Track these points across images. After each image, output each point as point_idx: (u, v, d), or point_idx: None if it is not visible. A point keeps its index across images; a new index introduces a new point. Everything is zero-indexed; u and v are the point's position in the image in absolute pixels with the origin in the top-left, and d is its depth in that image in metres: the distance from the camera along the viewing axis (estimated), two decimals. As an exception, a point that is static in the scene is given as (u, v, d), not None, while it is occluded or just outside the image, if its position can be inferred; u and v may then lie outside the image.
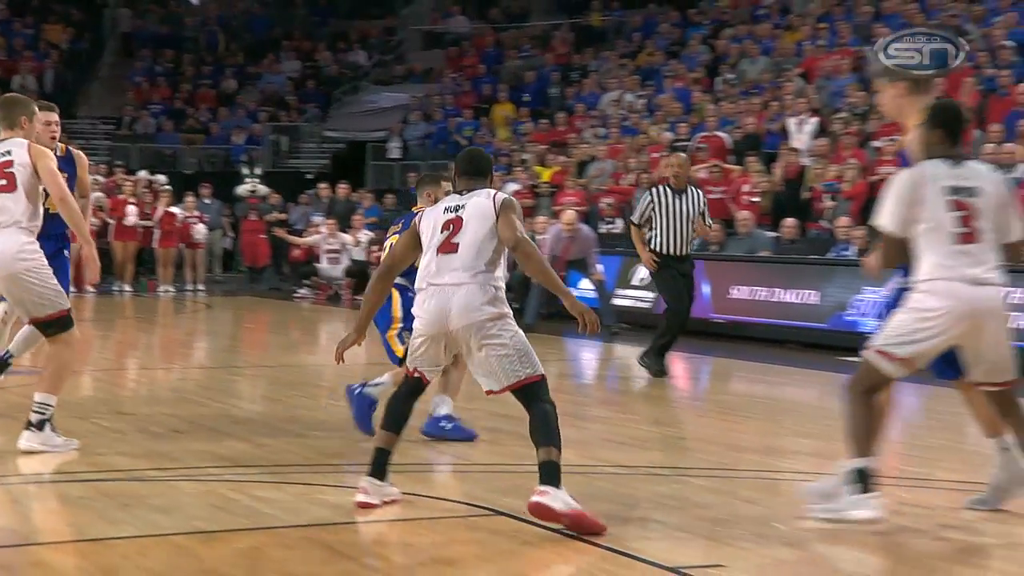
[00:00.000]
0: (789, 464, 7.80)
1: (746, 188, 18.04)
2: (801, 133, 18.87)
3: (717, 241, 17.20)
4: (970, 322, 5.83)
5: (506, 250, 6.07)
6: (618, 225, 19.41)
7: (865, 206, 16.56)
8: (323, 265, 22.28)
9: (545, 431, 5.85)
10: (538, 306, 16.55)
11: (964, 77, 17.74)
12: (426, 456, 7.75)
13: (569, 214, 17.02)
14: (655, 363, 11.57)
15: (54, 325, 7.43)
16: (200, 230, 23.81)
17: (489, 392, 6.05)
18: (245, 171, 26.89)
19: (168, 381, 12.01)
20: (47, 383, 7.48)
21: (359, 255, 22.12)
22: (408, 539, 5.72)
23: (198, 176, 27.37)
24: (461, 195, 6.21)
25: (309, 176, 28.38)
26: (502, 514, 6.17)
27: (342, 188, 24.73)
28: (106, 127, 30.20)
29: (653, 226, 11.50)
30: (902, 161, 6.33)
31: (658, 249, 11.51)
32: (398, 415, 6.16)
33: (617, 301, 17.20)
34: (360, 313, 6.38)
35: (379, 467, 6.11)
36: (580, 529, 5.62)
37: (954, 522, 6.26)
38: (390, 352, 8.17)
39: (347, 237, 22.43)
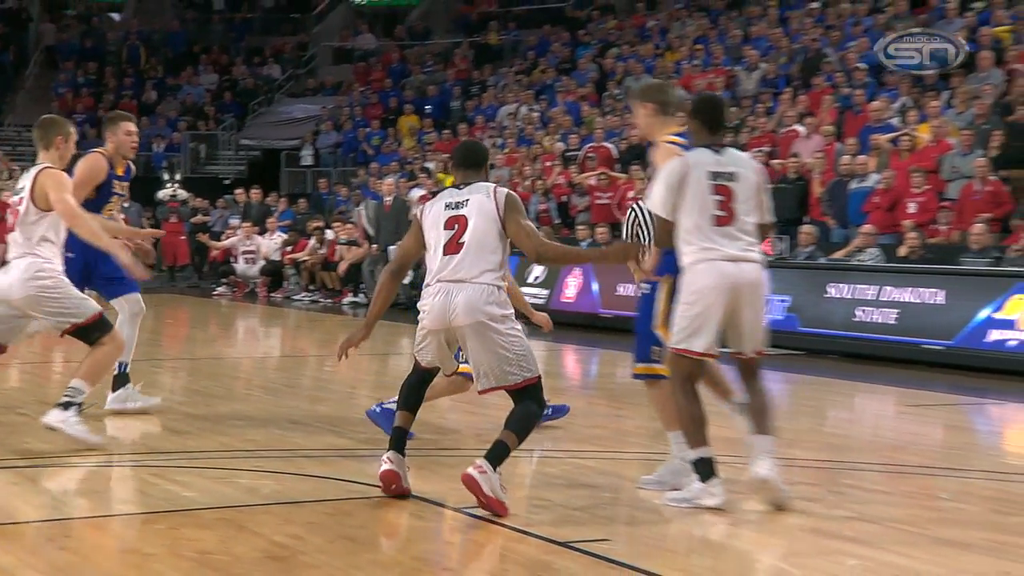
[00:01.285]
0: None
1: (631, 194, 18.13)
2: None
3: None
4: (732, 296, 5.86)
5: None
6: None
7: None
8: (240, 265, 22.13)
9: (518, 421, 5.73)
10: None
11: (824, 95, 18.07)
12: (336, 442, 7.70)
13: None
14: None
15: (93, 330, 7.23)
16: (120, 233, 23.50)
17: (482, 391, 5.88)
18: (165, 176, 26.62)
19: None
20: (84, 371, 7.34)
21: (274, 256, 22.01)
22: (318, 519, 5.68)
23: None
24: (459, 189, 5.96)
25: (226, 181, 28.09)
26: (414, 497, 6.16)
27: (255, 193, 24.53)
28: (31, 135, 29.49)
29: (640, 240, 10.94)
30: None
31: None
32: (414, 398, 6.09)
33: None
34: (370, 312, 6.21)
35: (399, 443, 6.01)
36: (493, 511, 5.56)
37: (815, 496, 6.37)
38: None
39: (261, 239, 22.30)
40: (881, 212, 14.79)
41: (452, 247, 5.79)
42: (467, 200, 5.86)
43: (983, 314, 11.99)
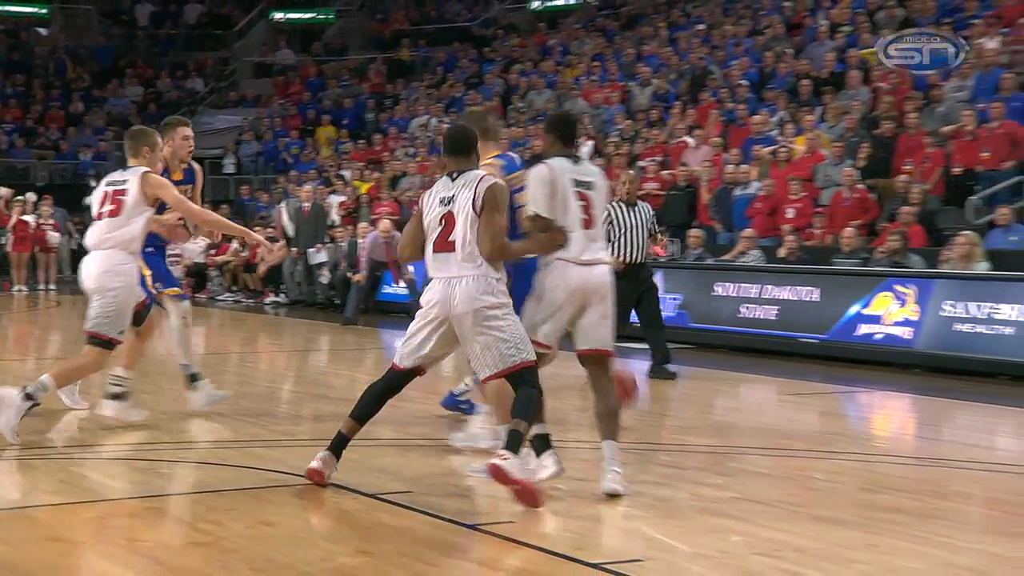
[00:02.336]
0: (573, 435, 7.88)
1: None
2: (580, 154, 19.14)
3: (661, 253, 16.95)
4: (581, 296, 5.88)
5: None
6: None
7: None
8: (165, 267, 21.83)
9: (522, 407, 5.57)
10: (357, 303, 16.44)
11: (710, 109, 18.30)
12: (258, 433, 7.62)
13: (385, 223, 16.97)
14: (663, 372, 10.62)
15: (99, 344, 7.28)
16: (54, 236, 23.05)
17: (485, 380, 5.76)
18: (93, 183, 26.14)
19: (23, 371, 11.49)
20: (127, 357, 7.62)
21: (198, 258, 21.74)
22: (237, 506, 5.61)
23: (49, 188, 26.42)
24: (452, 179, 5.75)
25: (152, 189, 27.60)
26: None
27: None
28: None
29: (612, 239, 10.67)
30: None
31: (618, 259, 10.69)
32: (369, 409, 5.91)
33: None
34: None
35: (338, 446, 5.89)
36: (524, 498, 5.40)
37: (703, 479, 6.45)
38: None
39: (186, 243, 21.96)
40: (762, 217, 15.02)
41: (443, 245, 5.67)
42: (456, 195, 5.68)
43: (853, 310, 12.23)
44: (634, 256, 10.59)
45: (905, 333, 11.79)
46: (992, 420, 9.24)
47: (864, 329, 12.09)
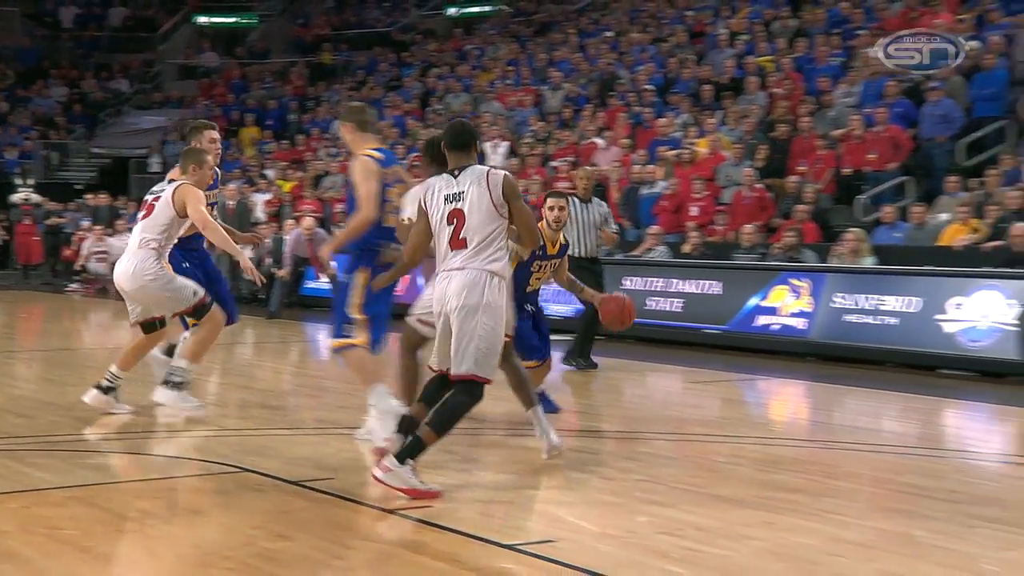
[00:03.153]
0: (490, 426, 7.89)
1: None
2: (495, 154, 19.18)
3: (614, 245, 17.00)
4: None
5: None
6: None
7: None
8: (91, 264, 21.42)
9: (443, 418, 5.41)
10: (281, 297, 16.28)
11: (618, 112, 18.43)
12: (185, 424, 7.50)
13: (308, 220, 16.85)
14: (584, 361, 10.64)
15: (196, 312, 7.39)
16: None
17: (454, 377, 5.50)
18: (19, 181, 25.60)
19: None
20: (189, 351, 7.49)
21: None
22: (164, 495, 5.54)
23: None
24: (454, 176, 5.52)
25: (78, 187, 27.08)
26: (247, 470, 6.04)
27: (102, 197, 23.77)
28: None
29: (566, 233, 10.74)
30: (347, 188, 6.65)
31: (571, 254, 10.78)
32: (435, 395, 5.71)
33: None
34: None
35: (407, 428, 5.67)
36: (419, 498, 5.31)
37: (612, 462, 6.50)
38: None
39: (112, 240, 21.63)
40: (668, 215, 15.16)
41: (456, 243, 5.45)
42: (463, 192, 5.46)
43: (752, 302, 12.40)
44: (585, 251, 10.52)
45: (799, 324, 11.99)
46: (878, 405, 9.43)
47: (762, 320, 12.27)
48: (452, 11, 30.42)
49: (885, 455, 6.93)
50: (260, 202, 20.57)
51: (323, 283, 16.20)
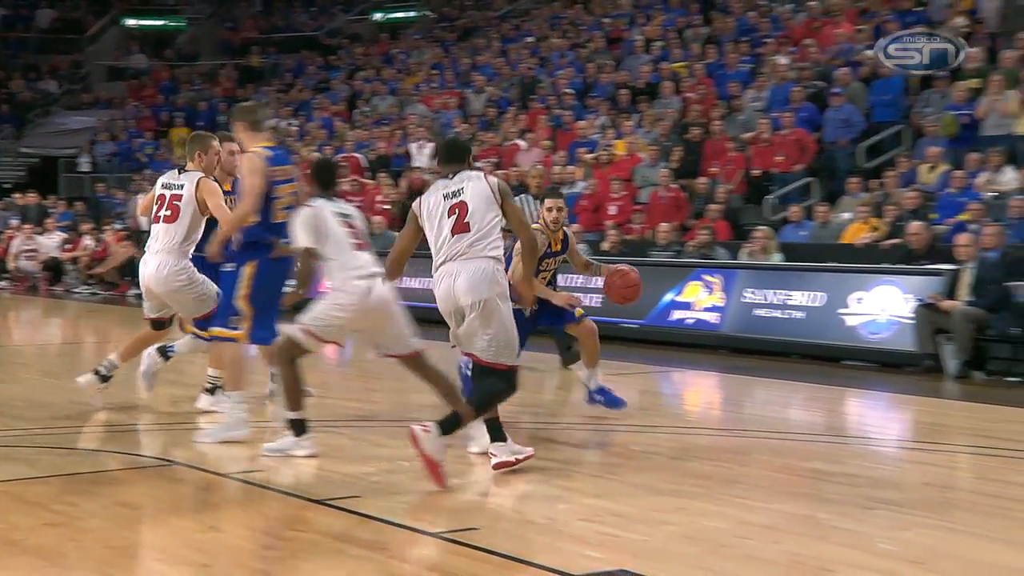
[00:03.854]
0: (416, 415, 7.88)
1: (379, 198, 18.14)
2: (421, 155, 19.13)
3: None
4: (372, 309, 5.97)
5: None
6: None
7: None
8: (21, 262, 20.95)
9: (480, 398, 5.54)
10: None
11: (539, 115, 18.48)
12: (115, 419, 7.37)
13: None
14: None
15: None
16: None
17: (467, 354, 5.68)
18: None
19: None
20: (216, 360, 7.26)
21: (54, 253, 20.97)
22: (93, 489, 5.43)
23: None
24: (450, 179, 5.73)
25: (7, 186, 26.46)
26: (177, 464, 5.97)
27: (31, 196, 23.26)
28: None
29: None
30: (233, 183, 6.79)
31: None
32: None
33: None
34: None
35: (498, 433, 5.79)
36: (428, 472, 5.34)
37: (537, 454, 6.52)
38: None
39: (41, 238, 21.20)
40: (588, 213, 15.24)
41: (459, 227, 5.58)
42: (462, 188, 5.66)
43: (667, 297, 12.52)
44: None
45: (712, 318, 12.14)
46: (786, 395, 9.59)
47: (677, 315, 12.40)
48: (378, 16, 30.27)
49: (791, 442, 7.06)
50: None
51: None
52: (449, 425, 5.42)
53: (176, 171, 7.46)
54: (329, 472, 5.88)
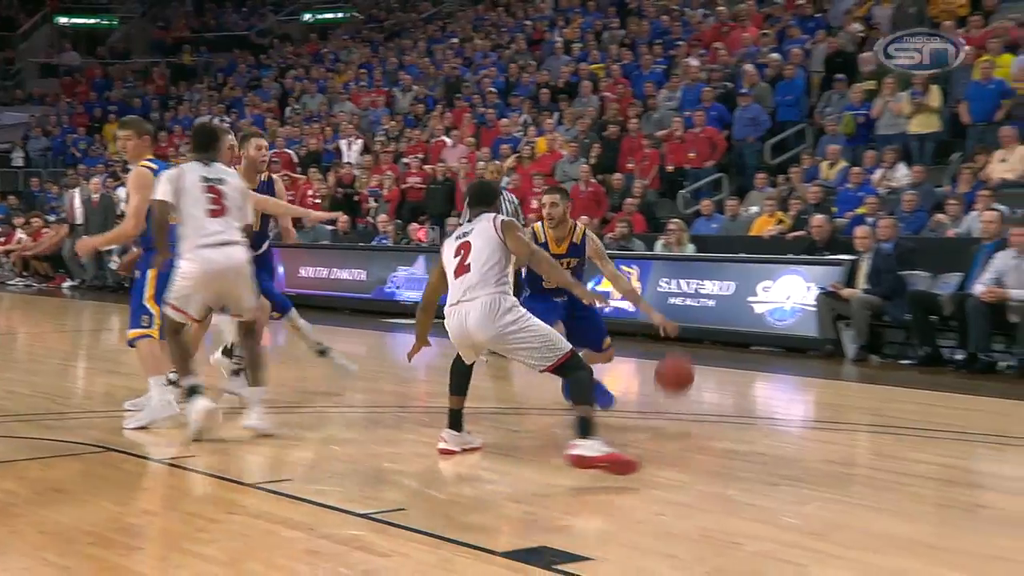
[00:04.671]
0: (347, 400, 7.84)
1: (310, 193, 17.96)
2: (350, 151, 18.99)
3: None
4: (218, 275, 6.03)
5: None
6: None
7: (399, 207, 16.92)
8: (-44, 254, 20.39)
9: (578, 392, 5.35)
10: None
11: (464, 112, 18.45)
12: (50, 407, 7.20)
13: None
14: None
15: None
16: None
17: (543, 371, 5.47)
18: None
19: None
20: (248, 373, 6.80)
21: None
22: (28, 475, 5.30)
23: None
24: (470, 222, 5.67)
25: (-61, 182, 25.72)
26: (113, 450, 5.85)
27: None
28: None
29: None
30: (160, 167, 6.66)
31: None
32: (464, 382, 5.77)
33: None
34: (418, 332, 5.89)
35: (456, 422, 5.75)
36: (616, 468, 5.16)
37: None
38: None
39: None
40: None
41: (460, 269, 5.49)
42: (472, 230, 5.58)
43: (588, 287, 12.55)
44: None
45: (630, 306, 12.19)
46: (698, 379, 9.64)
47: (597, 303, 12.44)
48: (307, 17, 29.97)
49: (704, 423, 7.14)
50: (124, 195, 19.89)
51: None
52: (584, 429, 5.20)
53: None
54: (261, 456, 5.82)
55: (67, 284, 19.00)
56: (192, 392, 6.05)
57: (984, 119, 12.87)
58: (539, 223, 7.02)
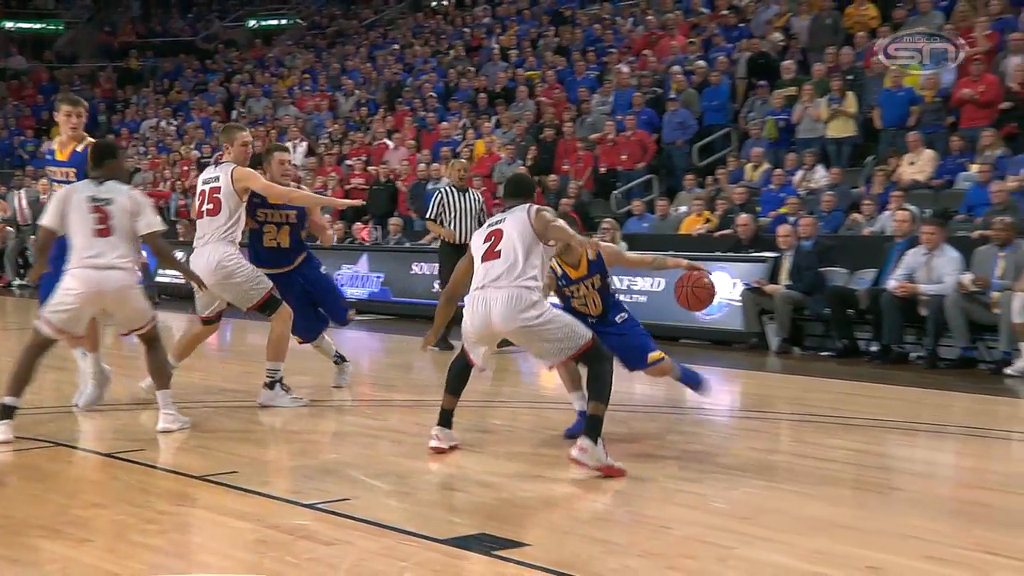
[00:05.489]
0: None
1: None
2: (295, 153, 18.79)
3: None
4: (98, 296, 5.90)
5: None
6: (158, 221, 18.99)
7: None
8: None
9: (596, 388, 5.14)
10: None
11: (405, 116, 18.37)
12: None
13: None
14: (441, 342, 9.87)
15: (266, 307, 6.68)
16: None
17: (551, 367, 5.36)
18: None
19: None
20: (271, 353, 6.74)
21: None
22: (-22, 472, 5.17)
23: None
24: (504, 211, 5.44)
25: None
26: (61, 444, 5.73)
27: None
28: None
29: (443, 220, 10.12)
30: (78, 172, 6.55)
31: (450, 240, 10.17)
32: (459, 383, 5.59)
33: (158, 279, 16.50)
34: (434, 327, 5.76)
35: (447, 420, 5.56)
36: (611, 475, 5.07)
37: (404, 427, 6.49)
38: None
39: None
40: (450, 207, 15.18)
41: (489, 254, 5.26)
42: (505, 218, 5.37)
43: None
44: (465, 236, 9.98)
45: (564, 302, 12.25)
46: (631, 373, 9.73)
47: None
48: (252, 23, 29.62)
49: (637, 414, 7.19)
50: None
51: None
52: (592, 430, 5.08)
53: (213, 166, 7.06)
54: (210, 450, 5.73)
55: (17, 283, 18.59)
56: (4, 413, 5.77)
57: (895, 124, 13.12)
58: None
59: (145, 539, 4.10)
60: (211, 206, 6.84)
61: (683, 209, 13.61)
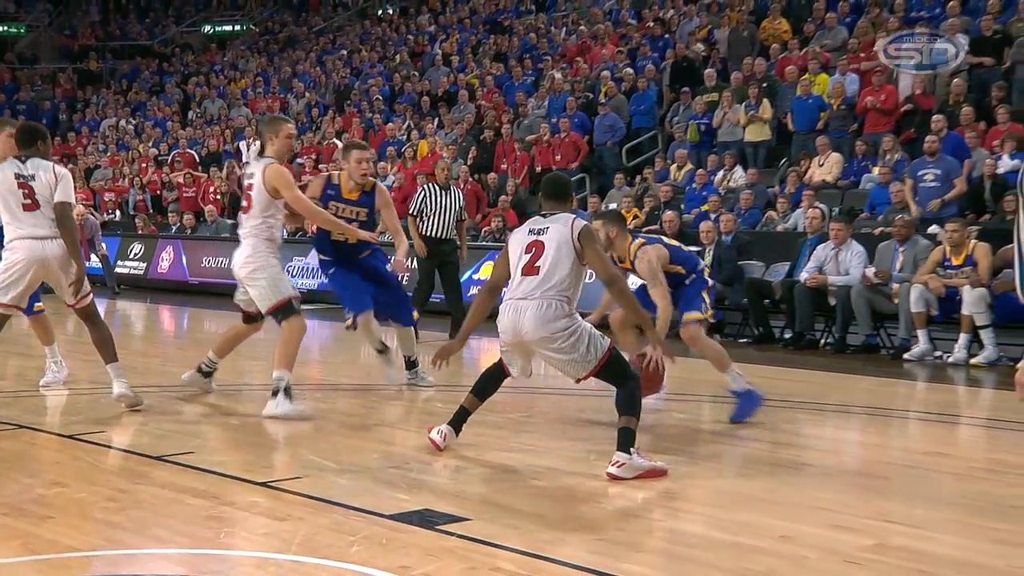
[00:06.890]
0: (247, 379, 7.65)
1: (212, 190, 17.52)
2: (249, 151, 18.53)
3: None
4: (42, 264, 5.89)
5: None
6: (117, 215, 18.58)
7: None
8: None
9: (627, 404, 4.77)
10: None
11: (353, 117, 18.21)
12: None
13: (79, 207, 15.66)
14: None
15: (280, 313, 6.12)
16: None
17: (579, 380, 4.97)
18: None
19: None
20: (277, 360, 6.04)
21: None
22: (-59, 455, 5.01)
23: None
24: (544, 217, 4.96)
25: None
26: (24, 427, 5.58)
27: None
28: None
29: (425, 216, 9.84)
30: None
31: (427, 233, 9.85)
32: (489, 388, 5.19)
33: (118, 270, 16.18)
34: (465, 325, 5.13)
35: (459, 425, 5.19)
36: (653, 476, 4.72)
37: (354, 411, 6.43)
38: None
39: None
40: (397, 204, 14.93)
41: (529, 269, 4.85)
42: (548, 228, 4.89)
43: (466, 275, 12.56)
44: (439, 232, 9.81)
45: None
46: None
47: (475, 291, 12.46)
48: (207, 28, 29.15)
49: (569, 397, 7.21)
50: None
51: (94, 263, 15.14)
52: (626, 442, 4.72)
53: (256, 159, 6.44)
54: (167, 431, 5.63)
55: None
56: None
57: (806, 129, 13.32)
58: None
59: (106, 516, 4.01)
60: (245, 203, 6.38)
61: (613, 206, 13.68)
